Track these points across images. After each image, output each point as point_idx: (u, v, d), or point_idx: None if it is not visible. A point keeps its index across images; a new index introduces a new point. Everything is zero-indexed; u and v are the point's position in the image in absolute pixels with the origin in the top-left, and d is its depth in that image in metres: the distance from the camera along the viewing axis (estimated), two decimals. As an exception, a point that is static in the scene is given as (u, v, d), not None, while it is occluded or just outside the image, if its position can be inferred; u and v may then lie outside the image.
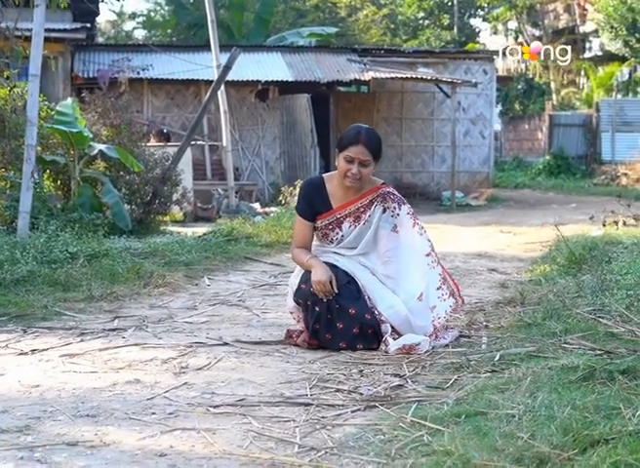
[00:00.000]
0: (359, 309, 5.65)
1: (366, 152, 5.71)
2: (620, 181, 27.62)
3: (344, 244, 5.92)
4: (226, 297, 7.95)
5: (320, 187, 5.96)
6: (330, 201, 5.92)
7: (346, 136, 5.80)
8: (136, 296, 7.75)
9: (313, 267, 5.72)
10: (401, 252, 5.86)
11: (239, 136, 21.72)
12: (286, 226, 12.89)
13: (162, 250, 9.92)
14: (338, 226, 5.91)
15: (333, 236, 5.94)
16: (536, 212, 20.48)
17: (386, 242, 5.88)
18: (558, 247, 10.50)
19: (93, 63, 22.08)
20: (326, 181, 5.97)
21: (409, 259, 5.86)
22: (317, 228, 5.97)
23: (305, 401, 4.40)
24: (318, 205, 5.91)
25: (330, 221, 5.91)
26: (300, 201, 6.02)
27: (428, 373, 5.01)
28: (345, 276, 5.76)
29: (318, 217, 5.93)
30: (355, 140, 5.71)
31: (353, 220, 5.90)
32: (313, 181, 6.10)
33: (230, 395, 4.51)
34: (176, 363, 5.23)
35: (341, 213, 5.90)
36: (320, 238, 6.01)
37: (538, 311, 6.46)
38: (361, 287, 5.77)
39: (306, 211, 5.94)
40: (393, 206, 5.90)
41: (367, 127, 5.90)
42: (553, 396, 4.08)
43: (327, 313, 5.62)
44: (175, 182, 13.82)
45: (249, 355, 5.53)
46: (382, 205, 5.89)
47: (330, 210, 5.91)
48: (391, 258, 5.86)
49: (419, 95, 24.38)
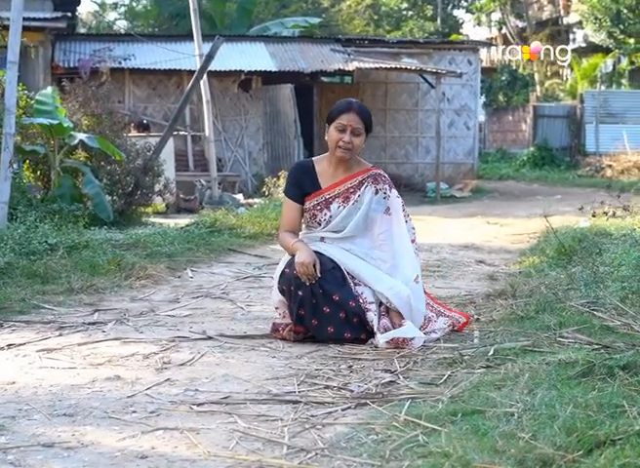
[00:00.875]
0: (343, 296, 5.47)
1: (358, 119, 5.60)
2: (604, 173, 27.51)
3: (332, 226, 5.75)
4: (210, 290, 7.75)
5: (309, 169, 5.83)
6: (319, 182, 5.78)
7: (337, 107, 5.69)
8: (116, 289, 7.54)
9: (298, 250, 5.56)
10: (394, 234, 5.73)
11: (222, 127, 21.49)
12: (270, 217, 12.72)
13: (144, 241, 9.72)
14: (326, 207, 5.75)
15: (321, 217, 5.77)
16: (521, 203, 20.35)
17: (380, 224, 5.73)
18: (547, 238, 10.34)
19: (74, 53, 21.79)
20: (315, 163, 5.86)
21: (401, 242, 5.74)
22: (305, 210, 5.81)
23: (293, 398, 4.21)
24: (307, 186, 5.78)
25: (318, 202, 5.76)
26: (289, 183, 5.90)
27: (420, 369, 4.82)
28: (330, 262, 5.58)
29: (306, 199, 5.78)
30: (347, 109, 5.62)
31: (342, 201, 5.74)
32: (302, 163, 6.03)
33: (215, 392, 4.32)
34: (158, 358, 5.03)
35: (330, 193, 5.75)
36: (308, 220, 5.84)
37: (530, 304, 6.29)
38: (347, 275, 5.59)
39: (295, 192, 5.80)
40: (385, 187, 5.78)
41: (357, 100, 5.82)
42: (553, 393, 3.91)
43: (311, 297, 5.44)
44: (157, 173, 13.62)
45: (234, 350, 5.33)
46: (374, 186, 5.75)
47: (319, 190, 5.76)
48: (385, 241, 5.71)
49: (403, 85, 24.18)
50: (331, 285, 5.48)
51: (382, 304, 5.59)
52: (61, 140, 12.03)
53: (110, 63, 20.84)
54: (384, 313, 5.57)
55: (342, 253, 5.68)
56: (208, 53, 14.36)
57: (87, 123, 13.42)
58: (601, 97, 31.07)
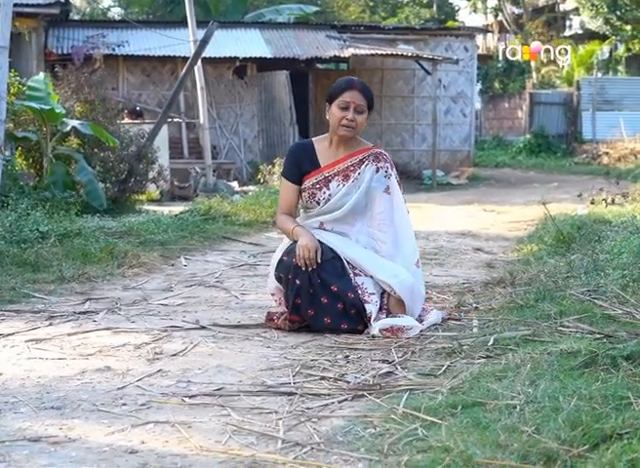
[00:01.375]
0: (342, 286, 5.35)
1: (361, 97, 5.46)
2: (601, 160, 27.38)
3: (330, 204, 5.61)
4: (204, 278, 7.63)
5: (308, 148, 5.72)
6: (318, 160, 5.66)
7: (338, 85, 5.56)
8: (109, 277, 7.42)
9: (300, 235, 5.44)
10: (394, 214, 5.62)
11: (216, 114, 21.35)
12: (265, 205, 12.61)
13: (137, 229, 9.60)
14: (325, 185, 5.62)
15: (320, 196, 5.63)
16: (517, 190, 20.24)
17: (380, 202, 5.61)
18: (545, 226, 10.23)
19: (67, 40, 21.63)
20: (315, 143, 5.75)
21: (401, 223, 5.63)
22: (304, 189, 5.68)
23: (288, 390, 4.08)
24: (306, 165, 5.65)
25: (318, 180, 5.63)
26: (287, 163, 5.79)
27: (418, 359, 4.70)
28: (330, 252, 5.45)
29: (305, 178, 5.66)
30: (349, 86, 5.49)
31: (342, 179, 5.61)
32: (301, 143, 5.97)
33: (207, 383, 4.19)
34: (149, 348, 4.91)
35: (330, 171, 5.62)
36: (307, 199, 5.70)
37: (529, 292, 6.18)
38: (347, 265, 5.46)
39: (293, 172, 5.69)
40: (386, 165, 5.66)
41: (357, 78, 5.74)
42: (555, 384, 3.79)
43: (309, 287, 5.31)
44: (151, 160, 13.50)
45: (227, 339, 5.21)
46: (375, 164, 5.62)
47: (318, 168, 5.64)
48: (385, 221, 5.59)
49: (399, 72, 24.03)
50: (330, 275, 5.36)
51: (385, 293, 5.47)
52: (54, 127, 11.90)
53: (104, 50, 20.71)
54: (386, 304, 5.45)
55: (343, 242, 5.56)
56: (202, 38, 14.23)
57: (80, 109, 13.29)
58: (598, 84, 30.92)
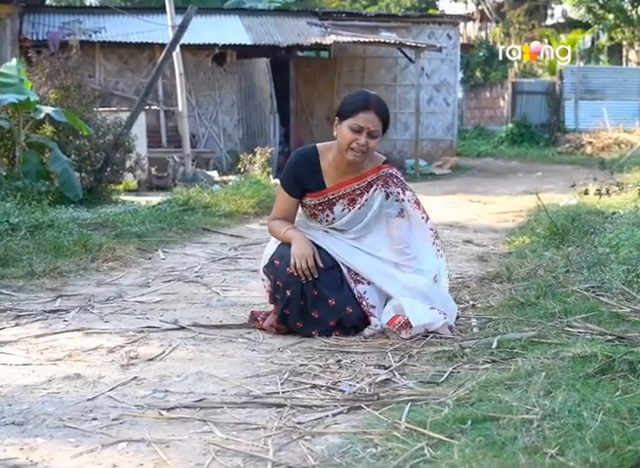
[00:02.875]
0: (340, 300, 4.91)
1: (377, 121, 4.91)
2: (584, 150, 27.08)
3: (334, 226, 5.17)
4: (183, 273, 7.23)
5: (313, 162, 5.11)
6: (323, 179, 5.11)
7: (353, 102, 4.97)
8: (82, 272, 7.00)
9: (293, 240, 4.98)
10: (412, 238, 5.11)
11: (195, 102, 20.90)
12: (246, 195, 12.24)
13: (113, 220, 9.21)
14: (329, 208, 5.13)
15: (322, 217, 5.17)
16: (501, 180, 19.92)
17: (395, 228, 5.10)
18: (537, 217, 9.89)
19: (42, 26, 21.10)
20: (320, 154, 5.13)
21: (420, 245, 5.12)
22: (305, 205, 5.21)
23: (277, 401, 3.69)
24: (308, 182, 5.11)
25: (320, 202, 5.13)
26: (287, 174, 5.20)
27: (417, 364, 4.32)
28: (330, 260, 5.02)
29: (307, 195, 5.15)
30: (365, 106, 4.90)
31: (347, 203, 5.11)
32: (306, 153, 5.19)
33: (187, 393, 3.80)
34: (123, 352, 4.51)
35: (335, 193, 5.11)
36: (307, 216, 5.26)
37: (529, 288, 5.83)
38: (347, 273, 5.03)
39: (292, 186, 5.15)
40: (397, 190, 5.10)
41: (375, 94, 5.10)
42: (573, 395, 3.42)
43: (300, 299, 4.88)
44: (128, 149, 13.06)
45: (208, 342, 4.82)
46: (384, 190, 5.09)
47: (322, 189, 5.11)
48: (404, 244, 5.08)
49: (381, 60, 23.62)
50: (327, 287, 4.92)
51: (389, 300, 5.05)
52: (27, 114, 11.47)
53: (80, 36, 20.23)
54: None
55: (346, 248, 5.11)
56: (181, 23, 13.78)
57: (54, 96, 12.86)
58: (580, 74, 30.58)
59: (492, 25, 43.78)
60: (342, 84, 23.49)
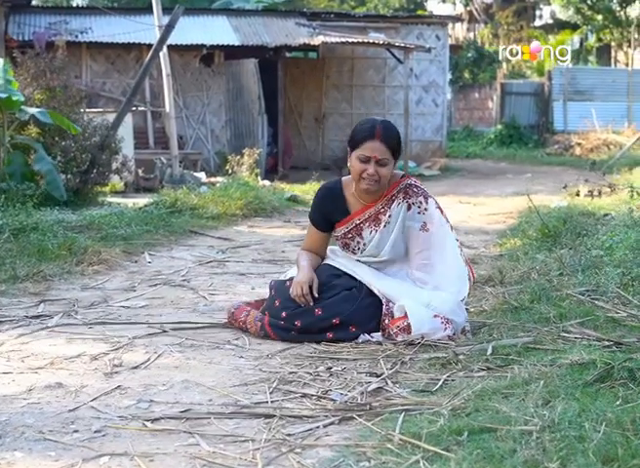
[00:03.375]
0: (345, 319, 4.86)
1: (383, 149, 4.85)
2: (573, 151, 26.97)
3: (366, 253, 5.10)
4: (169, 277, 7.09)
5: (338, 195, 5.14)
6: (347, 207, 5.12)
7: (359, 132, 4.93)
8: (66, 276, 6.85)
9: (299, 270, 5.05)
10: (434, 253, 5.01)
11: (183, 103, 20.73)
12: (234, 197, 12.09)
13: (98, 222, 9.04)
14: (358, 234, 5.09)
15: (354, 246, 5.13)
16: (491, 182, 19.82)
17: (417, 242, 5.01)
18: (529, 218, 9.78)
19: (28, 26, 20.88)
20: (344, 187, 5.15)
21: (444, 262, 5.01)
22: (337, 238, 5.21)
23: (266, 411, 3.56)
24: (335, 213, 5.14)
25: (349, 229, 5.10)
26: (314, 208, 5.27)
27: (410, 371, 4.19)
28: (349, 282, 5.01)
29: (337, 226, 5.15)
30: (370, 135, 4.85)
31: (374, 224, 5.05)
32: (330, 188, 5.21)
33: (173, 403, 3.66)
34: (107, 360, 4.37)
35: (360, 217, 5.08)
36: (341, 248, 5.24)
37: (523, 292, 5.72)
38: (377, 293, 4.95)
39: (319, 221, 5.22)
40: (419, 200, 5.01)
41: (382, 119, 5.03)
42: (573, 405, 3.30)
43: (307, 330, 4.87)
44: (114, 150, 12.89)
45: (195, 348, 4.68)
46: (406, 201, 5.01)
47: (347, 216, 5.10)
48: (424, 261, 5.00)
49: (369, 61, 23.49)
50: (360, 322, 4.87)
51: None
52: (12, 115, 11.30)
53: (66, 37, 20.02)
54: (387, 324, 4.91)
55: (370, 272, 5.07)
56: (168, 22, 13.64)
57: (40, 97, 12.68)
58: (569, 75, 30.49)
59: (480, 26, 43.73)
60: (331, 85, 23.38)
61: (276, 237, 9.94)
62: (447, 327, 4.77)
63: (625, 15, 32.64)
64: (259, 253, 8.60)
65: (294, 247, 9.09)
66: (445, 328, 4.77)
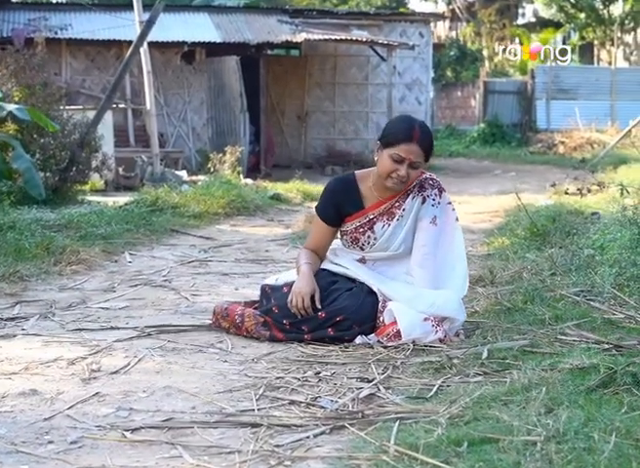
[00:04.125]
0: (353, 317, 4.67)
1: (420, 152, 4.65)
2: (557, 150, 26.87)
3: (375, 248, 4.91)
4: (150, 277, 6.88)
5: (352, 186, 4.92)
6: (362, 201, 4.90)
7: (396, 130, 4.71)
8: (44, 276, 6.63)
9: (300, 275, 4.81)
10: (440, 249, 4.84)
11: (164, 101, 20.49)
12: (216, 195, 11.89)
13: (77, 221, 8.82)
14: (370, 229, 4.88)
15: (364, 241, 4.91)
16: (475, 180, 19.69)
17: (424, 235, 4.82)
18: (517, 217, 9.62)
19: (7, 23, 20.61)
20: (359, 181, 4.92)
21: (446, 260, 4.85)
22: (345, 233, 4.97)
23: (252, 419, 3.37)
24: (347, 206, 4.90)
25: (361, 223, 4.89)
26: (324, 201, 5.01)
27: (402, 376, 4.00)
28: (348, 282, 4.83)
29: (347, 220, 4.93)
30: (408, 137, 4.63)
31: (387, 219, 4.86)
32: (344, 179, 5.00)
33: (154, 412, 3.46)
34: (85, 364, 4.16)
35: (375, 212, 4.88)
36: (348, 245, 5.00)
37: (515, 292, 5.55)
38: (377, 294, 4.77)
39: (329, 212, 4.96)
40: (434, 193, 4.85)
41: (421, 122, 4.80)
42: (578, 413, 3.12)
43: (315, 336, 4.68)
44: (94, 148, 12.66)
45: (177, 352, 4.48)
46: (421, 194, 4.83)
47: (361, 209, 4.89)
48: (427, 256, 4.81)
49: (352, 58, 23.31)
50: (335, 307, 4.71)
51: None
52: (-12, 112, 11.07)
53: (46, 33, 19.77)
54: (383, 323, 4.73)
55: (372, 274, 4.88)
56: (148, 18, 13.40)
57: (18, 94, 12.44)
58: (552, 73, 30.38)
59: (462, 25, 43.61)
60: (313, 82, 23.19)
61: (259, 236, 9.75)
62: (438, 329, 4.60)
63: (608, 13, 32.59)
64: (242, 253, 8.41)
65: (277, 246, 8.91)
66: (436, 331, 4.59)
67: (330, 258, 5.03)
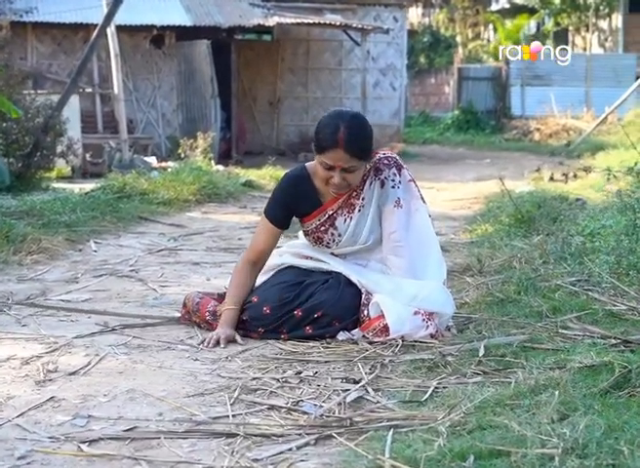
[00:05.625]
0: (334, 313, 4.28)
1: (348, 158, 4.18)
2: (532, 137, 26.62)
3: (342, 244, 4.48)
4: (116, 267, 6.47)
5: (305, 183, 4.45)
6: (318, 197, 4.45)
7: (321, 135, 4.23)
8: (1, 266, 6.20)
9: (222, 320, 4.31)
10: (410, 233, 4.40)
11: (133, 86, 20.01)
12: (186, 182, 11.50)
13: (40, 208, 8.37)
14: (331, 225, 4.44)
15: (328, 239, 4.48)
16: (451, 167, 19.39)
17: (391, 221, 4.39)
18: (500, 203, 9.28)
19: (-30, 6, 20.10)
20: (312, 174, 4.45)
21: (421, 241, 4.42)
22: (307, 233, 4.54)
23: (227, 428, 2.97)
24: (303, 205, 4.46)
25: (321, 221, 4.45)
26: (275, 201, 4.53)
27: (392, 376, 3.62)
28: (323, 275, 4.42)
29: (305, 220, 4.50)
30: (332, 143, 4.17)
31: (347, 211, 4.42)
32: (296, 176, 4.50)
33: (115, 419, 3.06)
34: (40, 364, 3.75)
35: (334, 207, 4.43)
36: (313, 244, 4.57)
37: (507, 282, 5.19)
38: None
39: (279, 214, 4.49)
40: (391, 173, 4.38)
41: (349, 119, 4.24)
42: (596, 420, 2.75)
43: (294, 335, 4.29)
44: (59, 132, 12.22)
45: (143, 349, 4.08)
46: (378, 178, 4.39)
47: (319, 207, 4.45)
48: (400, 242, 4.38)
49: (325, 43, 22.89)
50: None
51: None
52: (-53, 95, 10.60)
53: (11, 17, 19.22)
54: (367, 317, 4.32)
55: (355, 269, 4.46)
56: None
57: (-21, 77, 11.99)
58: (527, 59, 30.10)
59: (435, 11, 43.26)
60: (286, 68, 22.75)
61: (231, 223, 9.36)
62: (429, 324, 4.21)
63: (583, -2, 32.34)
64: (213, 241, 8.02)
65: (250, 234, 8.49)
66: (427, 325, 4.20)
67: (299, 253, 4.61)
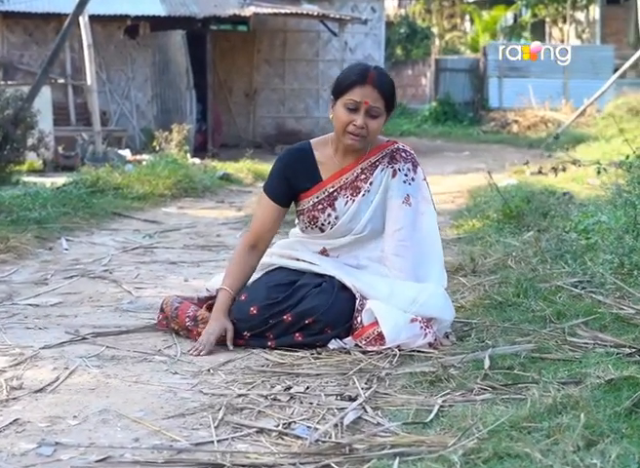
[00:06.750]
0: (325, 319, 3.94)
1: (376, 95, 3.95)
2: (510, 129, 26.39)
3: (337, 228, 4.17)
4: (88, 266, 6.12)
5: (306, 156, 4.17)
6: (319, 172, 4.17)
7: (348, 75, 4.04)
8: (-34, 267, 5.88)
9: (213, 314, 4.02)
10: (416, 233, 4.11)
11: (106, 78, 19.62)
12: (162, 175, 11.17)
13: (9, 204, 8.04)
14: (330, 205, 4.14)
15: (323, 220, 4.16)
16: (429, 160, 18.97)
17: (397, 217, 4.10)
18: (487, 198, 9.00)
19: (-62, -5, 19.65)
20: (314, 148, 4.18)
21: (426, 246, 4.13)
22: (302, 212, 4.23)
23: (212, 457, 2.64)
24: (302, 179, 4.17)
25: (320, 199, 4.15)
26: (274, 175, 4.24)
27: (391, 392, 3.29)
28: (315, 277, 4.08)
29: (302, 197, 4.20)
30: (361, 79, 3.96)
31: (350, 194, 4.14)
32: (298, 148, 4.24)
33: (86, 447, 2.72)
34: (3, 380, 3.40)
35: (335, 184, 4.14)
36: (306, 226, 4.25)
37: (504, 284, 4.90)
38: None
39: (279, 189, 4.20)
40: (406, 167, 4.12)
41: (376, 66, 4.14)
42: (628, 448, 2.44)
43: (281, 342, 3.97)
44: (29, 124, 11.83)
45: (117, 361, 3.74)
46: (391, 166, 4.11)
47: (319, 182, 4.16)
48: (404, 241, 4.08)
49: (302, 34, 22.55)
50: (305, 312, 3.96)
51: None
52: None
53: (-20, 6, 18.84)
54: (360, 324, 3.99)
55: (346, 270, 4.14)
56: (88, -15, 12.59)
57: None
58: (506, 50, 29.88)
59: (411, 2, 42.95)
60: (262, 59, 22.40)
61: (209, 219, 9.04)
62: (427, 332, 3.89)
63: (562, -11, 32.13)
64: (191, 238, 7.69)
65: (229, 230, 8.22)
66: (425, 333, 3.88)
67: (288, 254, 4.29)
